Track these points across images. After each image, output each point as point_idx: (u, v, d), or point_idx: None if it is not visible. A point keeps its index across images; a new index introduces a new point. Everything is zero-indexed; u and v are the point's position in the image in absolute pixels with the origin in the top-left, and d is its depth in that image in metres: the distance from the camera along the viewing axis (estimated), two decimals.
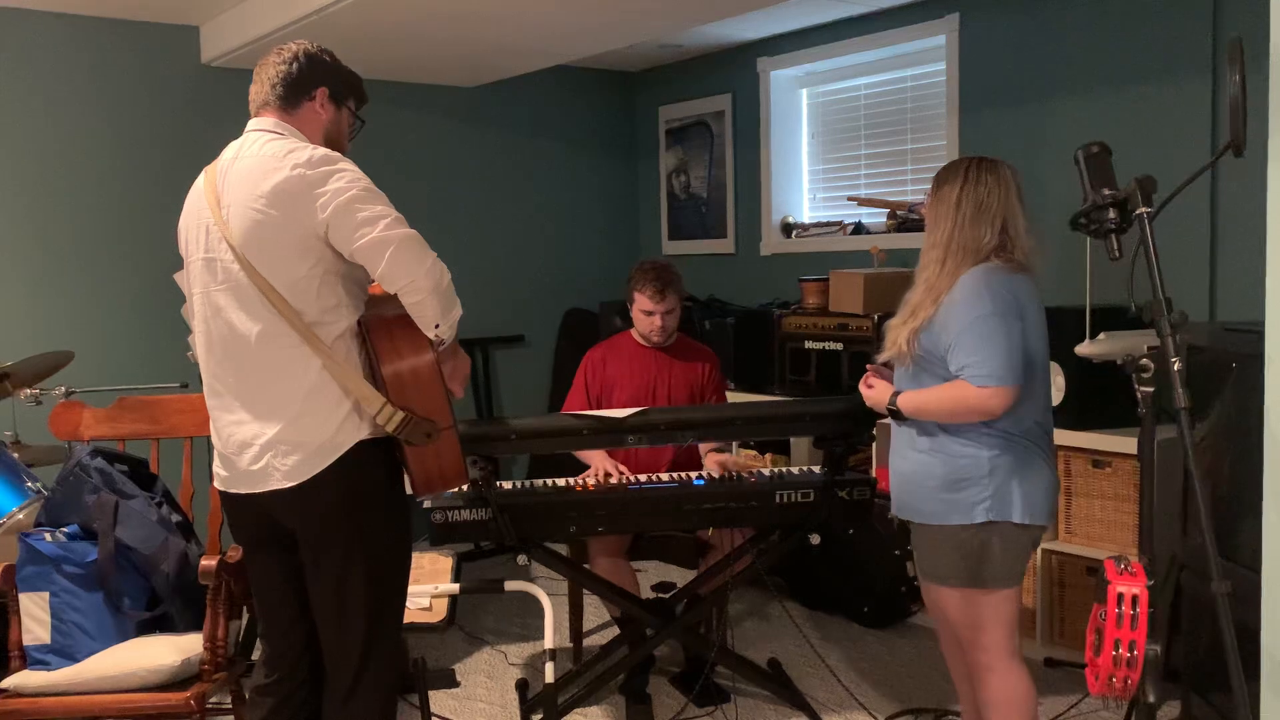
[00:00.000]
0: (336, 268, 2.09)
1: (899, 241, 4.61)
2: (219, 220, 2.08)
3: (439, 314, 2.08)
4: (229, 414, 2.16)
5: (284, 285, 2.05)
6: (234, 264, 2.07)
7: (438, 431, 2.10)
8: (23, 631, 2.61)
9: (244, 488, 2.16)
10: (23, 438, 3.62)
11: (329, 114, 2.24)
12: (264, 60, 2.23)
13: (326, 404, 2.09)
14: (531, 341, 5.72)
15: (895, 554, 3.98)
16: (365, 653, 2.17)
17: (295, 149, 2.07)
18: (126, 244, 4.48)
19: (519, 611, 4.28)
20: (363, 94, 2.33)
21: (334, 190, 2.02)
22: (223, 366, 2.15)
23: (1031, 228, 2.41)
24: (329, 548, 2.13)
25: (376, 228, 2.02)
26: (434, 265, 2.06)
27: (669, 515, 3.10)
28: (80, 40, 4.37)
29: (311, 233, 2.04)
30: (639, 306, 3.49)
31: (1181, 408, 1.69)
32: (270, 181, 2.03)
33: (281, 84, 2.19)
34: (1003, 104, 4.24)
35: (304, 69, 2.20)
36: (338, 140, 2.25)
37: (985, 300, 2.28)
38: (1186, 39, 3.64)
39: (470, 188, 5.46)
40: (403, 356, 2.09)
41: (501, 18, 3.98)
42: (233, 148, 2.17)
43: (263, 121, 2.19)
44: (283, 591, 2.25)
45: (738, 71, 5.38)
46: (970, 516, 2.35)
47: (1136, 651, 1.77)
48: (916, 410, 2.41)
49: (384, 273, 2.04)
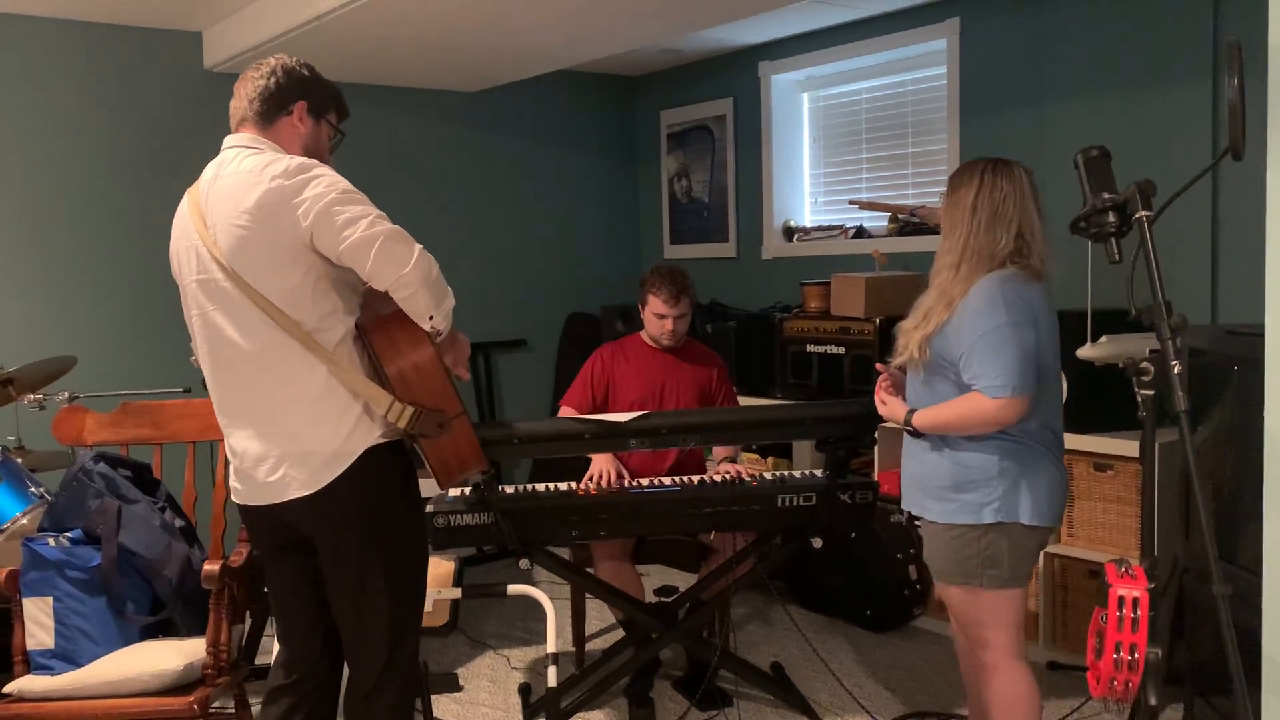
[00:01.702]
0: (328, 273, 2.09)
1: (901, 245, 4.61)
2: (207, 240, 2.09)
3: (431, 305, 2.09)
4: (240, 430, 2.18)
5: (279, 297, 2.06)
6: (227, 282, 2.07)
7: (448, 420, 2.11)
8: (26, 636, 2.62)
9: (263, 500, 2.17)
10: (26, 443, 3.62)
11: (307, 128, 2.23)
12: (244, 76, 2.23)
13: (336, 410, 2.09)
14: (533, 346, 5.73)
15: (898, 557, 3.98)
16: (390, 653, 2.19)
17: (272, 161, 2.07)
18: (129, 249, 4.49)
19: (522, 615, 4.28)
20: (343, 107, 2.33)
21: (313, 196, 2.02)
22: (230, 385, 2.17)
23: (1049, 232, 2.41)
24: (348, 552, 2.15)
25: (359, 228, 2.02)
26: (420, 257, 2.06)
27: (671, 519, 3.10)
28: (83, 46, 4.38)
29: (298, 241, 2.04)
30: (652, 309, 3.51)
31: (1182, 411, 1.69)
32: (251, 196, 2.03)
33: (260, 99, 2.19)
34: (1003, 107, 4.25)
35: (282, 84, 2.20)
36: (317, 153, 2.25)
37: (1000, 310, 2.28)
38: (1187, 42, 3.64)
39: (472, 193, 5.47)
40: (403, 354, 2.10)
41: (503, 23, 3.98)
42: (212, 167, 2.17)
43: (240, 137, 2.20)
44: (303, 596, 2.27)
45: (739, 76, 5.39)
46: (978, 517, 2.36)
47: (1137, 655, 1.77)
48: (932, 427, 2.41)
49: (372, 271, 2.04)
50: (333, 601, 2.21)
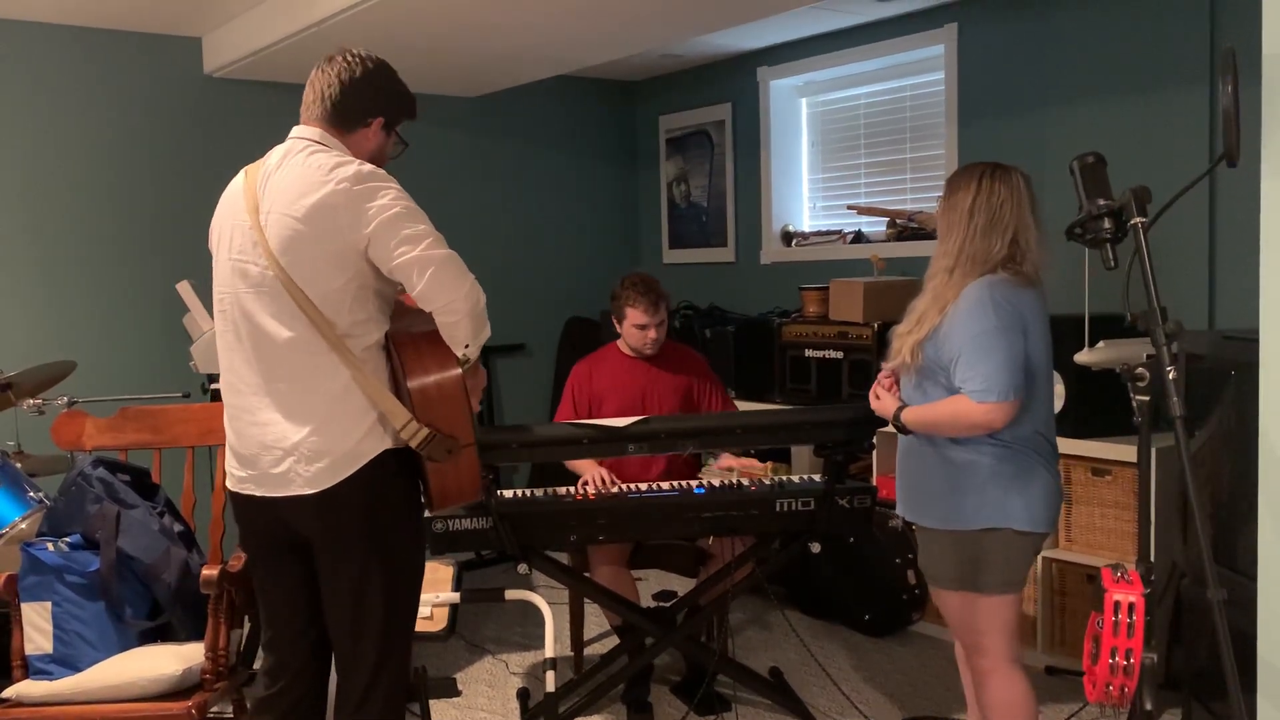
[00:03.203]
0: (371, 282, 2.10)
1: (899, 250, 4.61)
2: (256, 225, 2.09)
3: (470, 335, 2.10)
4: (249, 414, 2.15)
5: (318, 296, 2.06)
6: (269, 270, 2.07)
7: (459, 448, 2.11)
8: (25, 641, 2.61)
9: (262, 490, 2.15)
10: (25, 448, 3.63)
11: (378, 140, 2.24)
12: (326, 64, 2.20)
13: (353, 413, 2.09)
14: (532, 350, 5.73)
15: (896, 562, 3.98)
16: (378, 663, 2.17)
17: (341, 164, 2.07)
18: (129, 254, 4.50)
19: (520, 620, 4.28)
20: (414, 114, 2.31)
21: (379, 206, 2.04)
22: (250, 367, 2.15)
23: (1044, 239, 2.42)
24: (348, 556, 2.13)
25: (419, 246, 2.04)
26: (472, 289, 2.09)
27: (669, 524, 3.10)
28: (83, 51, 4.39)
29: (351, 246, 2.05)
30: (631, 321, 3.51)
31: (1177, 416, 1.70)
32: (315, 194, 2.04)
33: (340, 104, 2.17)
34: (1001, 113, 4.26)
35: (364, 94, 2.18)
36: (379, 160, 2.24)
37: (989, 314, 2.29)
38: (1183, 48, 3.65)
39: (471, 197, 5.47)
40: (429, 372, 2.10)
41: (502, 28, 3.99)
42: (277, 153, 2.16)
43: (309, 130, 2.18)
44: (293, 600, 2.25)
45: (738, 81, 5.40)
46: (970, 522, 2.36)
47: (1133, 660, 1.77)
48: (920, 425, 2.43)
49: (422, 292, 2.05)
50: (327, 607, 2.19)
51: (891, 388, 2.56)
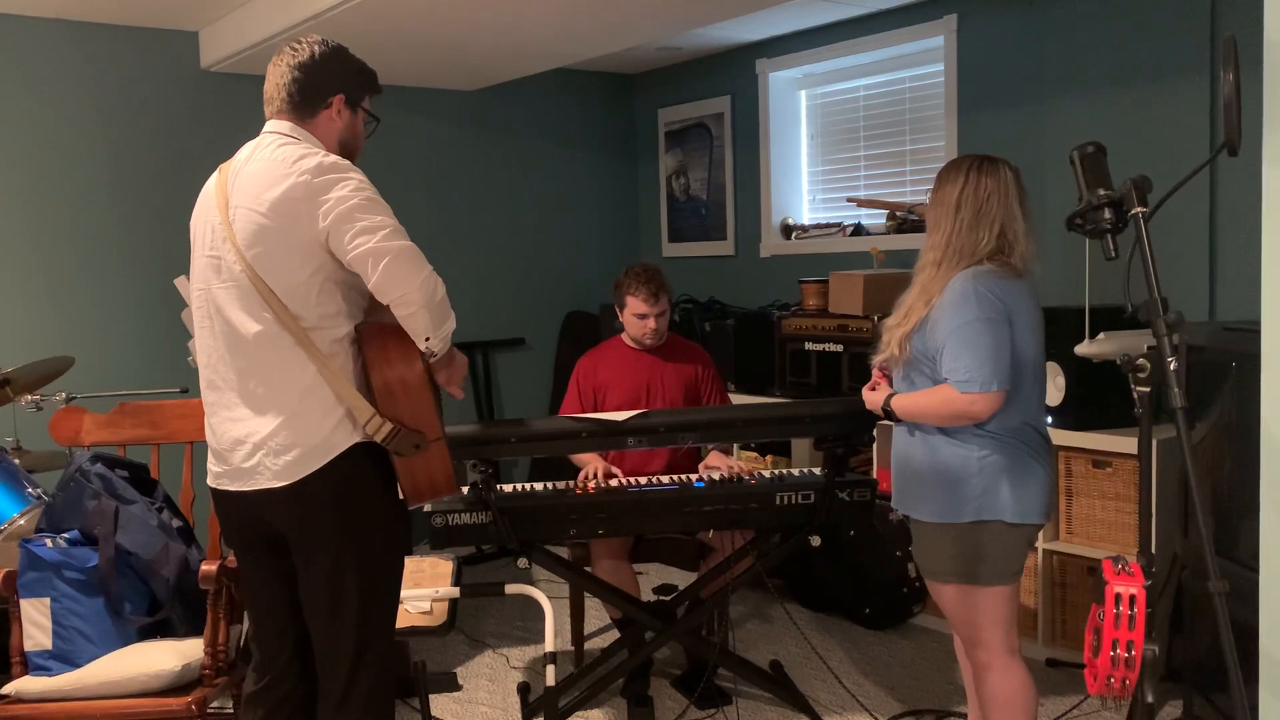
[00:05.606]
0: (337, 275, 2.09)
1: (899, 242, 4.61)
2: (225, 221, 2.09)
3: (430, 328, 2.08)
4: (225, 410, 2.16)
5: (283, 289, 2.06)
6: (236, 264, 2.08)
7: (426, 443, 2.10)
8: (24, 637, 2.62)
9: (235, 484, 2.15)
10: (24, 443, 3.62)
11: (344, 120, 2.23)
12: (276, 58, 2.20)
13: (321, 406, 2.09)
14: (532, 344, 5.73)
15: (896, 555, 3.98)
16: (356, 658, 2.15)
17: (305, 155, 2.07)
18: (126, 249, 4.49)
19: (520, 615, 4.28)
20: (377, 88, 2.30)
21: (337, 198, 2.03)
22: (223, 362, 2.15)
23: (1032, 230, 2.42)
24: (320, 550, 2.13)
25: (374, 237, 2.02)
26: (427, 279, 2.06)
27: (669, 517, 3.10)
28: (79, 46, 4.37)
29: (312, 239, 2.04)
30: (632, 310, 3.51)
31: (1178, 407, 1.69)
32: (278, 188, 2.04)
33: (296, 90, 2.17)
34: (1001, 104, 4.24)
35: (318, 75, 2.18)
36: (352, 142, 2.25)
37: (972, 306, 2.29)
38: (1184, 38, 3.63)
39: (470, 191, 5.46)
40: (392, 365, 2.09)
41: (501, 22, 3.98)
42: (247, 149, 2.17)
43: (279, 125, 2.18)
44: (273, 595, 2.24)
45: (737, 73, 5.38)
46: (961, 515, 2.37)
47: (1134, 652, 1.77)
48: (907, 413, 2.44)
49: (377, 283, 2.03)
50: (304, 602, 2.18)
51: (882, 382, 2.57)
